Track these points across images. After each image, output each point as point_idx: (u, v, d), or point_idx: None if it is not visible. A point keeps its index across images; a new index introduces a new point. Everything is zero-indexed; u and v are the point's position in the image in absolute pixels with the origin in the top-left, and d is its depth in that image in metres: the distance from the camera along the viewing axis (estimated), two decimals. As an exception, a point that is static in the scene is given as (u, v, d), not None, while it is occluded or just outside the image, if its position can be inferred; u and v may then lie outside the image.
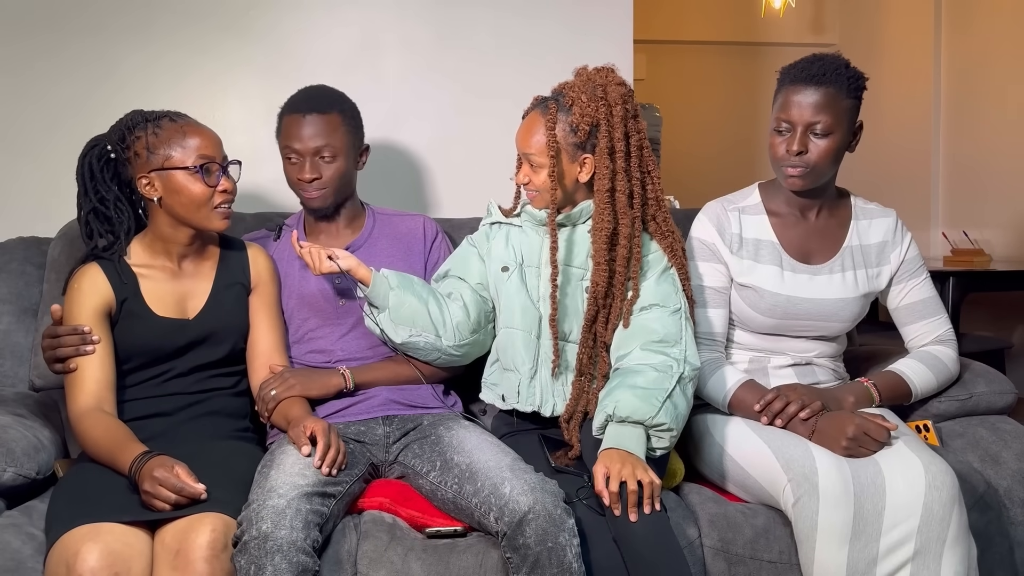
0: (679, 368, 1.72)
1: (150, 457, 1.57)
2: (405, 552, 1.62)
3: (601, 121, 1.78)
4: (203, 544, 1.49)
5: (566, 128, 1.79)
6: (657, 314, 1.78)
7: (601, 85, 1.80)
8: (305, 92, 2.02)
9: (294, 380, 1.86)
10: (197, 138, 1.77)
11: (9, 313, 2.10)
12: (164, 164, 1.75)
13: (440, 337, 1.89)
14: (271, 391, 1.84)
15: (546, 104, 1.82)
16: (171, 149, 1.75)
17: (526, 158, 1.84)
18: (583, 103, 1.78)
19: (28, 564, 1.54)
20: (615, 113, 1.78)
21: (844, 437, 1.70)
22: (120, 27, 2.46)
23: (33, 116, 2.45)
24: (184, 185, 1.75)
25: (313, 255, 1.85)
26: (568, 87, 1.83)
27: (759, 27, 5.60)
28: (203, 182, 1.75)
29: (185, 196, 1.76)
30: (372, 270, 1.86)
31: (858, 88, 1.85)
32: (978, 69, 4.37)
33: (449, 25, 2.58)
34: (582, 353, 1.81)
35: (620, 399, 1.66)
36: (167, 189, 1.76)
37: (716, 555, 1.69)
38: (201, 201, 1.76)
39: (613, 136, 1.78)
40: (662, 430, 1.66)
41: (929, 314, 1.97)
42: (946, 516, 1.62)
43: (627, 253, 1.79)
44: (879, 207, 2.01)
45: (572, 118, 1.79)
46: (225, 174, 1.80)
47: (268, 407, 1.83)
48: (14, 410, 1.87)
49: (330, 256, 1.84)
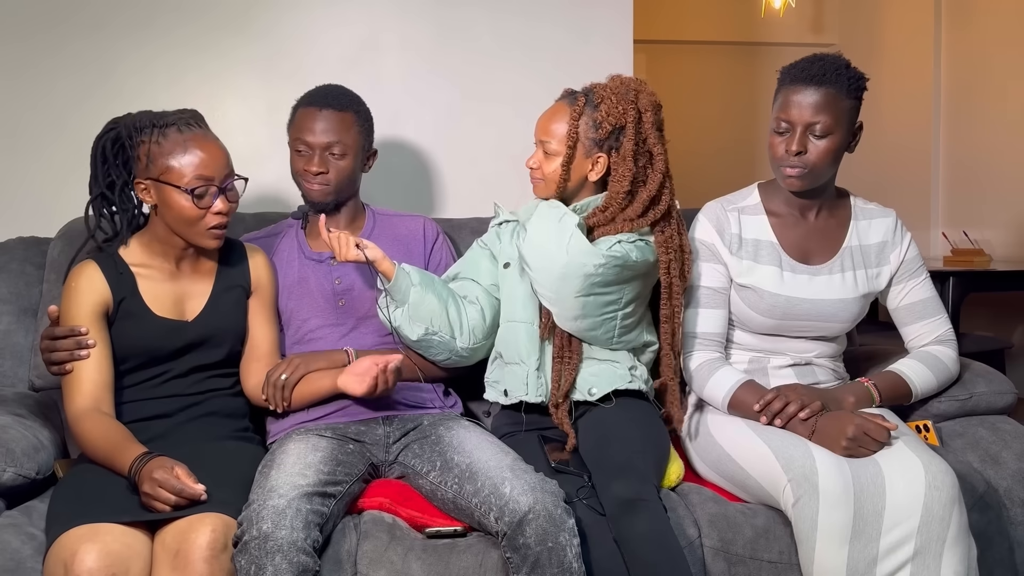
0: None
1: (150, 458, 1.57)
2: (405, 552, 1.62)
3: (628, 124, 1.80)
4: (203, 544, 1.49)
5: (589, 123, 1.82)
6: None
7: (634, 91, 1.84)
8: (323, 88, 2.03)
9: (299, 360, 1.87)
10: (199, 156, 1.72)
11: (9, 313, 2.10)
12: (160, 176, 1.72)
13: (455, 338, 1.90)
14: (281, 376, 1.84)
15: (575, 96, 1.85)
16: (169, 162, 1.71)
17: (541, 144, 1.87)
18: (612, 103, 1.81)
19: (28, 564, 1.54)
20: (645, 119, 1.81)
21: (844, 437, 1.70)
22: (119, 26, 2.46)
23: (33, 116, 2.45)
24: (176, 202, 1.72)
25: (341, 241, 1.85)
26: (600, 86, 1.86)
27: (759, 27, 5.60)
28: (193, 203, 1.72)
29: (175, 212, 1.73)
30: (396, 264, 1.87)
31: (858, 89, 1.85)
32: (978, 69, 4.37)
33: (449, 25, 2.58)
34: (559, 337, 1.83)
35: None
36: (160, 200, 1.74)
37: (716, 555, 1.69)
38: (191, 220, 1.74)
39: (639, 141, 1.80)
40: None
41: (929, 314, 1.97)
42: (946, 516, 1.62)
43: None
44: (879, 207, 2.01)
45: (598, 115, 1.81)
46: (223, 194, 1.75)
47: (284, 394, 1.83)
48: (14, 410, 1.87)
49: (357, 244, 1.84)
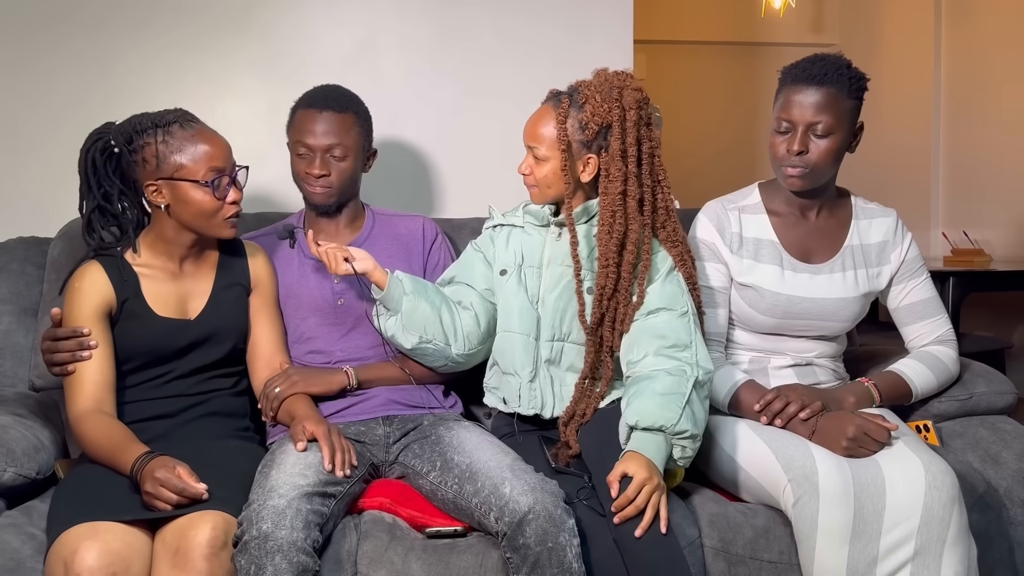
0: (693, 372, 1.69)
1: (151, 458, 1.57)
2: (405, 552, 1.62)
3: (614, 123, 1.76)
4: (203, 542, 1.49)
5: (575, 124, 1.79)
6: (665, 318, 1.76)
7: (618, 88, 1.79)
8: (322, 89, 2.02)
9: (297, 377, 1.86)
10: (208, 148, 1.74)
11: (9, 313, 2.10)
12: (174, 174, 1.73)
13: (450, 345, 1.89)
14: (275, 388, 1.84)
15: (559, 98, 1.82)
16: (181, 158, 1.73)
17: (530, 150, 1.84)
18: (597, 102, 1.77)
19: (28, 564, 1.54)
20: (628, 117, 1.77)
21: (844, 437, 1.70)
22: (119, 25, 2.46)
23: (33, 115, 2.44)
24: (193, 197, 1.74)
25: (330, 256, 1.85)
26: (584, 85, 1.82)
27: (759, 27, 5.59)
28: (212, 195, 1.74)
29: (194, 207, 1.75)
30: (388, 273, 1.86)
31: (859, 89, 1.85)
32: (978, 69, 4.37)
33: (449, 25, 2.58)
34: (588, 355, 1.81)
35: (642, 408, 1.64)
36: (175, 198, 1.75)
37: (716, 555, 1.69)
38: (210, 212, 1.76)
39: (626, 140, 1.76)
40: (684, 437, 1.65)
41: (929, 314, 1.97)
42: (946, 516, 1.62)
43: (634, 259, 1.77)
44: (879, 207, 2.01)
45: (583, 115, 1.78)
46: (233, 183, 1.78)
47: (273, 405, 1.83)
48: (14, 410, 1.87)
49: (346, 258, 1.84)
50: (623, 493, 1.54)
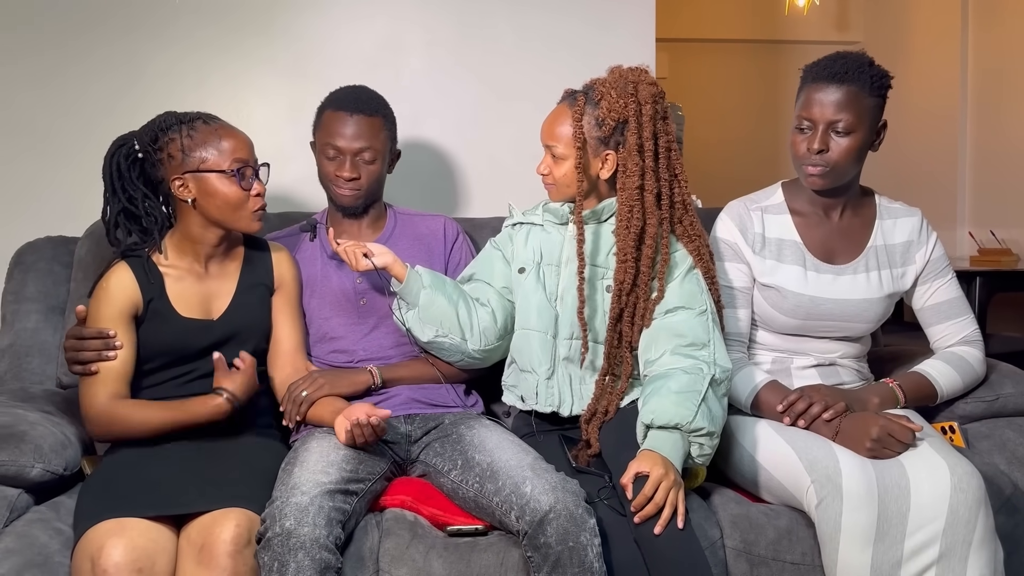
0: (709, 370, 1.70)
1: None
2: (427, 550, 1.63)
3: (630, 118, 1.77)
4: (227, 539, 1.51)
5: (592, 121, 1.80)
6: (683, 316, 1.77)
7: (633, 83, 1.80)
8: (351, 91, 2.03)
9: (323, 380, 1.87)
10: (232, 141, 1.78)
11: (37, 311, 2.13)
12: (200, 167, 1.76)
13: (466, 340, 1.90)
14: (302, 392, 1.85)
15: (574, 96, 1.83)
16: (206, 152, 1.76)
17: (548, 149, 1.85)
18: (612, 98, 1.78)
19: (55, 559, 1.56)
20: (644, 112, 1.77)
21: (868, 438, 1.69)
22: (145, 29, 2.49)
23: (65, 122, 2.47)
24: (219, 188, 1.76)
25: (350, 253, 1.87)
26: (599, 82, 1.83)
27: (783, 25, 5.55)
28: (238, 185, 1.77)
29: (220, 199, 1.77)
30: (407, 266, 1.88)
31: (882, 87, 1.84)
32: (1006, 66, 4.31)
33: (470, 22, 2.59)
34: (608, 352, 1.81)
35: (657, 407, 1.65)
36: (201, 191, 1.77)
37: (738, 556, 1.68)
38: (236, 204, 1.78)
39: (642, 134, 1.77)
40: (701, 435, 1.65)
41: (955, 314, 1.95)
42: (972, 519, 1.60)
43: (653, 253, 1.77)
44: (904, 206, 1.99)
45: (599, 112, 1.79)
46: (257, 177, 1.81)
47: (300, 409, 1.84)
48: (42, 407, 1.89)
49: (366, 254, 1.86)
50: (641, 491, 1.54)
